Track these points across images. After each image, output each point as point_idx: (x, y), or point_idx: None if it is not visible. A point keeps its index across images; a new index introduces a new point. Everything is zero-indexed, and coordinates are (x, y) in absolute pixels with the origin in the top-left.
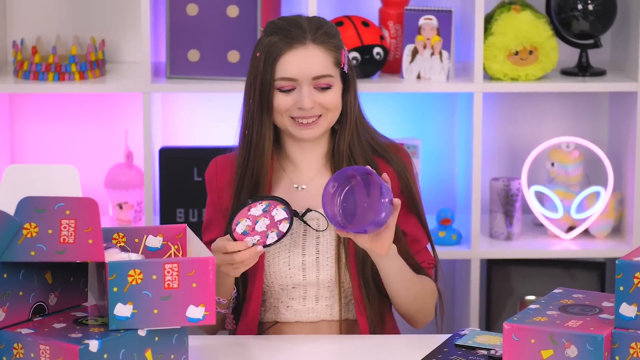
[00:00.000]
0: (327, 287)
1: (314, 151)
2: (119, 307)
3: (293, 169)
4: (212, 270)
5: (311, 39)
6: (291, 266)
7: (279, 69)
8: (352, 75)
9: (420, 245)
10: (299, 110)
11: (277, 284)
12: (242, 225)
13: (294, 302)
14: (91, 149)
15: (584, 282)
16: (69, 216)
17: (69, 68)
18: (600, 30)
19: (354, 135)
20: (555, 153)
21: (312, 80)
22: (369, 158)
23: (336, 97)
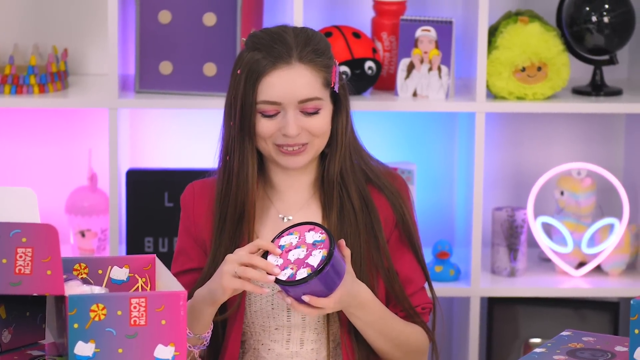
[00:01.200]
0: (313, 330)
1: (301, 179)
2: (79, 346)
3: (278, 197)
4: (183, 306)
5: (297, 58)
6: (274, 306)
7: (261, 91)
8: (343, 94)
9: (415, 286)
10: (284, 137)
11: (258, 325)
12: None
13: (276, 345)
14: (51, 170)
15: (595, 323)
16: (26, 244)
17: (28, 80)
18: (617, 45)
19: (346, 161)
20: (565, 181)
21: (298, 104)
22: (361, 187)
23: (324, 122)
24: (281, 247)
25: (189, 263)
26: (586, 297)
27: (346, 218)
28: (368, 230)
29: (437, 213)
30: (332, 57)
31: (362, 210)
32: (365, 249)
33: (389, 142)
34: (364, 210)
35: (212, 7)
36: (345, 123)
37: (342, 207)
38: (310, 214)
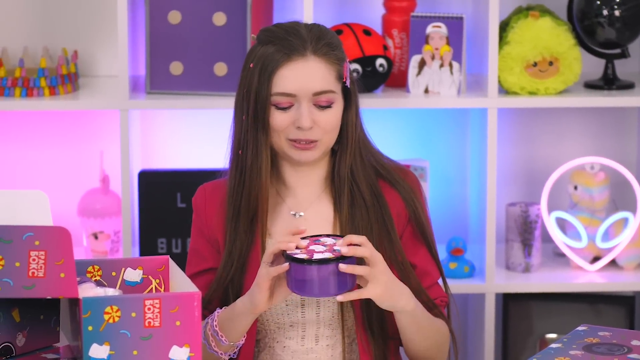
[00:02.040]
0: (328, 326)
1: (311, 175)
2: (94, 348)
3: (289, 194)
4: (197, 307)
5: (312, 51)
6: (288, 302)
7: (275, 84)
8: (354, 90)
9: (430, 280)
10: (297, 131)
11: (272, 322)
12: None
13: (291, 342)
14: (63, 173)
15: (610, 318)
16: (39, 247)
17: (38, 83)
18: (628, 38)
19: (356, 157)
20: (579, 175)
21: (312, 96)
22: (372, 182)
23: (336, 117)
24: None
25: (203, 264)
26: (601, 291)
27: (357, 213)
28: (380, 225)
29: (450, 210)
30: (343, 52)
31: (373, 205)
32: (378, 243)
33: (401, 139)
34: (375, 205)
35: (222, 6)
36: (355, 119)
37: (354, 202)
38: (321, 210)
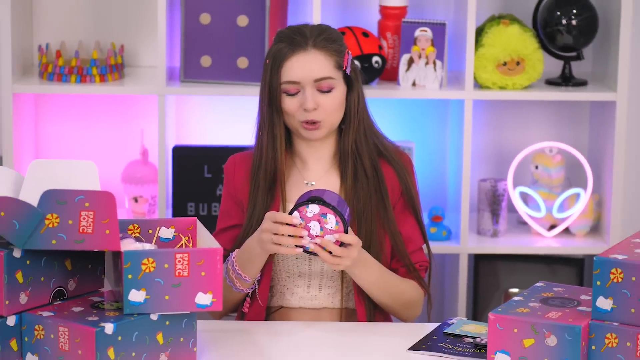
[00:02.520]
0: (330, 278)
1: (321, 150)
2: (133, 293)
3: (303, 166)
4: (219, 261)
5: (312, 44)
6: (298, 256)
7: (283, 74)
8: (355, 77)
9: (414, 246)
10: (304, 113)
11: (284, 272)
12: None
13: (299, 290)
14: (109, 147)
15: (563, 277)
16: (88, 208)
17: (90, 71)
18: (583, 43)
19: (360, 135)
20: (539, 157)
21: (314, 82)
22: (373, 158)
23: (337, 100)
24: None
25: (230, 221)
26: (556, 254)
27: (359, 184)
28: (377, 196)
29: (432, 183)
30: (343, 45)
31: (373, 177)
32: (375, 211)
33: (393, 124)
34: (374, 178)
35: (245, 10)
36: (357, 102)
37: (356, 174)
38: (329, 181)
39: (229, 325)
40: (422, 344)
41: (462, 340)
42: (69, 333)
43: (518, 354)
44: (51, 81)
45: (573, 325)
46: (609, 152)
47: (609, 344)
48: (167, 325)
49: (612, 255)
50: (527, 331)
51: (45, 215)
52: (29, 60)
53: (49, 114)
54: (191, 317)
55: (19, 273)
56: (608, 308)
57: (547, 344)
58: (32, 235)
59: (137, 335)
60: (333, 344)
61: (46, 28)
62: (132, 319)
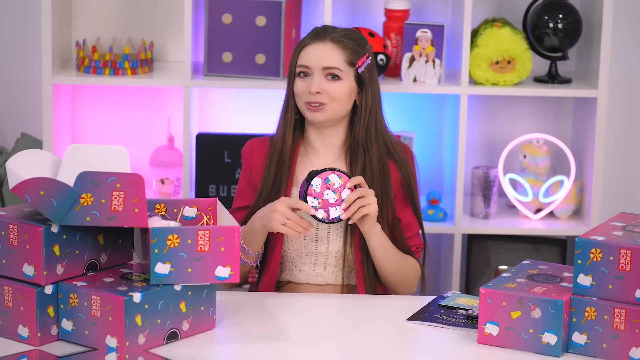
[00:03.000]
0: (334, 257)
1: (331, 139)
2: (159, 266)
3: (314, 154)
4: (237, 237)
5: (330, 38)
6: (306, 237)
7: (300, 58)
8: (369, 79)
9: (412, 231)
10: (309, 95)
11: (293, 251)
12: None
13: (306, 267)
14: (139, 133)
15: (548, 255)
16: (119, 189)
17: (123, 65)
18: (568, 45)
19: (370, 129)
20: (527, 147)
21: (322, 69)
22: (381, 152)
23: (342, 89)
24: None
25: (244, 201)
26: (542, 235)
27: (367, 174)
28: (381, 186)
29: (430, 170)
30: (364, 48)
31: (378, 169)
32: (378, 199)
33: (395, 116)
34: (380, 170)
35: (263, 11)
36: (369, 100)
37: (364, 165)
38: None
39: (245, 296)
40: (420, 315)
41: (455, 312)
42: (101, 301)
43: (506, 324)
44: (87, 74)
45: (556, 300)
46: (591, 144)
47: (588, 316)
48: (189, 295)
49: (592, 237)
50: (514, 304)
51: (80, 195)
52: (67, 54)
53: (84, 104)
54: (211, 288)
55: (56, 246)
56: (588, 284)
57: (533, 316)
58: (68, 212)
59: (162, 304)
60: (338, 314)
61: (83, 25)
62: (157, 289)
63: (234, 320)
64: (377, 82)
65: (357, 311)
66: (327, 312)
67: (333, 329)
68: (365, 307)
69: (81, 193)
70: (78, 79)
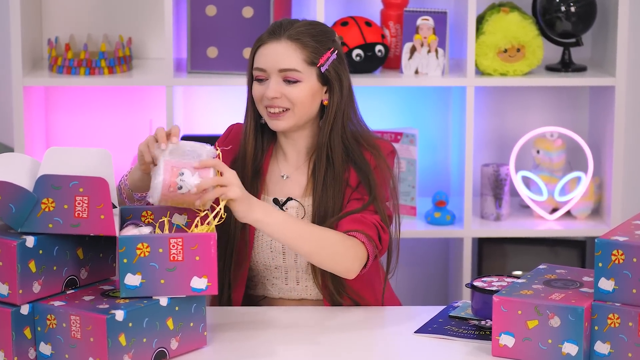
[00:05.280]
0: (305, 271)
1: (297, 144)
2: (128, 277)
3: (283, 159)
4: (213, 245)
5: (287, 36)
6: (273, 249)
7: (255, 60)
8: (336, 77)
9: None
10: (267, 100)
11: (261, 263)
12: None
13: (277, 281)
14: (119, 137)
15: (566, 258)
16: (83, 193)
17: (99, 63)
18: (582, 30)
19: (334, 132)
20: (540, 141)
21: (278, 72)
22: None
23: (302, 93)
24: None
25: None
26: (558, 237)
27: (327, 181)
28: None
29: (435, 169)
30: (327, 44)
31: (339, 178)
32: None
33: (396, 111)
34: (340, 179)
35: (250, 2)
36: (337, 101)
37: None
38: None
39: (236, 310)
40: (428, 327)
41: (467, 323)
42: (80, 321)
43: (522, 335)
44: (60, 74)
45: (576, 306)
46: (609, 136)
47: (611, 324)
48: (176, 311)
49: (613, 237)
50: (531, 312)
51: (40, 200)
52: (39, 53)
53: (59, 107)
54: (200, 302)
55: (32, 262)
56: (610, 289)
57: (551, 324)
58: (28, 218)
59: (147, 322)
60: (341, 328)
61: (55, 22)
62: (142, 305)
63: (227, 336)
64: (346, 78)
65: (362, 324)
66: (328, 326)
67: (335, 344)
68: (370, 319)
69: (41, 198)
70: (51, 80)
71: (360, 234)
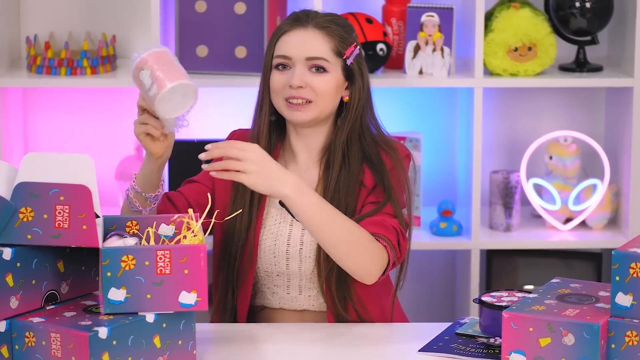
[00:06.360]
0: (309, 279)
1: (310, 142)
2: (112, 292)
3: (292, 159)
4: (203, 257)
5: (313, 23)
6: (276, 254)
7: (278, 48)
8: (358, 71)
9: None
10: (290, 90)
11: (262, 270)
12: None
13: (279, 290)
14: (102, 142)
15: (580, 272)
16: (63, 202)
17: (81, 63)
18: (597, 27)
19: (354, 132)
20: (553, 146)
21: (305, 60)
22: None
23: (328, 84)
24: None
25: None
26: (573, 248)
27: (341, 181)
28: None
29: (441, 176)
30: (352, 37)
31: (354, 178)
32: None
33: (399, 114)
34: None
35: None
36: (357, 97)
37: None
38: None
39: (229, 327)
40: (433, 345)
41: (474, 341)
42: (61, 339)
43: (534, 353)
44: (40, 74)
45: (591, 323)
46: (627, 141)
47: (629, 342)
48: (164, 328)
49: (631, 249)
50: (543, 330)
51: (18, 209)
52: (17, 52)
53: (38, 109)
54: (189, 318)
55: (9, 276)
56: (628, 304)
57: (565, 342)
58: (5, 229)
59: (132, 339)
60: (342, 346)
61: (34, 18)
62: (126, 322)
63: (219, 355)
64: (367, 77)
65: (364, 342)
66: (326, 344)
67: None
68: (373, 337)
69: (19, 207)
70: (29, 81)
71: (382, 239)
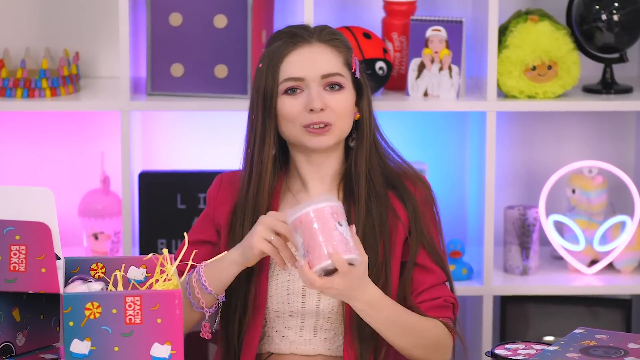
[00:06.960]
0: (327, 318)
1: (323, 168)
2: (75, 344)
3: (301, 189)
4: (178, 305)
5: (317, 38)
6: (290, 291)
7: (283, 71)
8: (364, 82)
9: (432, 280)
10: (310, 115)
11: (272, 310)
12: None
13: (290, 332)
14: (64, 173)
15: (607, 321)
16: (19, 242)
17: (40, 84)
18: (627, 43)
19: (373, 153)
20: (577, 179)
21: (320, 79)
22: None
23: (347, 101)
24: None
25: (201, 235)
26: (599, 294)
27: (371, 210)
28: (390, 229)
29: (449, 212)
30: (350, 47)
31: (384, 204)
32: (380, 238)
33: (400, 141)
34: (384, 205)
35: (223, 9)
36: (369, 112)
37: (369, 197)
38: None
39: None
40: None
41: None
42: None
43: None
44: None
45: None
46: None
47: None
48: None
49: None
50: None
51: None
52: None
53: None
54: None
55: None
56: None
57: None
58: None
59: None
60: None
61: None
62: None
63: None
64: (369, 86)
65: None
66: None
67: None
68: None
69: None
70: None
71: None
